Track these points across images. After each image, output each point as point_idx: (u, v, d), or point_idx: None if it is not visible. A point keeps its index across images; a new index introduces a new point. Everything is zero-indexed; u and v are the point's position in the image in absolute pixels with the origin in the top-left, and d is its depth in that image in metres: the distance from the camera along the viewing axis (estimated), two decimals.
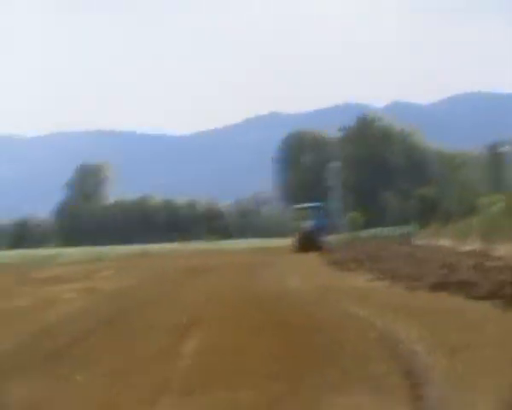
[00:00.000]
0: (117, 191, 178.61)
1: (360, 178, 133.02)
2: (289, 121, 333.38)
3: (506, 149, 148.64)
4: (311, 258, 48.92)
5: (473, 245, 43.86)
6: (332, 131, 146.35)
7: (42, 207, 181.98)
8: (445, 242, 51.79)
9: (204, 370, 10.04)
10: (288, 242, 70.53)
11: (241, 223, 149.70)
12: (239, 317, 15.69)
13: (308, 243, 57.26)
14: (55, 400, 8.72)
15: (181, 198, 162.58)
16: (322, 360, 10.19)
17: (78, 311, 19.26)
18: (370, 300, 17.96)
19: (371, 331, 12.45)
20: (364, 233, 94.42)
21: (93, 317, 17.49)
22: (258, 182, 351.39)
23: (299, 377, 9.09)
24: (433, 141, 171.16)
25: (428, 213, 70.85)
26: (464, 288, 19.24)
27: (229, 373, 9.61)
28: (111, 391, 8.96)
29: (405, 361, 9.90)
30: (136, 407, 8.25)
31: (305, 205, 63.25)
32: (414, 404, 7.86)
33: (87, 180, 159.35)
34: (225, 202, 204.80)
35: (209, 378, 9.42)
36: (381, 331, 12.42)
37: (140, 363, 10.79)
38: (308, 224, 58.88)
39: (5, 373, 10.45)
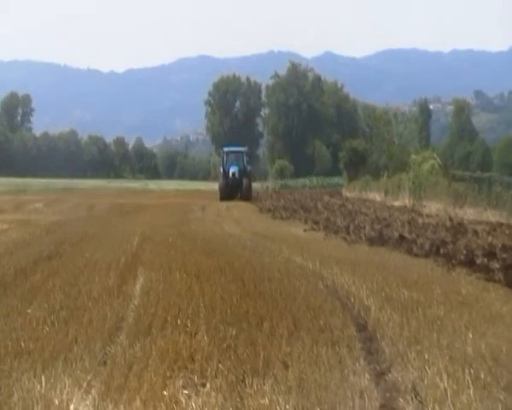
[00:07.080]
0: (41, 124, 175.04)
1: (290, 126, 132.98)
2: (219, 65, 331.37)
3: (435, 106, 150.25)
4: (242, 204, 49.10)
5: (403, 201, 44.61)
6: (263, 77, 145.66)
7: None
8: (374, 196, 52.46)
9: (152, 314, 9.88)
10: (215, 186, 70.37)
11: (168, 164, 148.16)
12: (183, 260, 15.31)
13: (233, 189, 55.29)
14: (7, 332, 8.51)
15: (109, 135, 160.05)
16: (274, 309, 10.08)
17: (16, 243, 18.89)
18: (311, 250, 17.95)
19: (320, 283, 12.47)
20: (293, 182, 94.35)
21: (32, 249, 17.15)
22: (185, 123, 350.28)
23: (255, 325, 9.00)
24: (364, 94, 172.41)
25: (357, 166, 71.13)
26: (403, 244, 19.51)
27: (183, 316, 9.46)
28: (62, 328, 8.80)
29: (358, 315, 9.97)
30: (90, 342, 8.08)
31: (228, 149, 60.16)
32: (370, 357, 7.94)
33: (13, 111, 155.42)
34: (153, 141, 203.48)
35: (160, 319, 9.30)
36: (330, 283, 12.44)
37: (91, 299, 10.59)
38: (231, 169, 56.10)
39: None
